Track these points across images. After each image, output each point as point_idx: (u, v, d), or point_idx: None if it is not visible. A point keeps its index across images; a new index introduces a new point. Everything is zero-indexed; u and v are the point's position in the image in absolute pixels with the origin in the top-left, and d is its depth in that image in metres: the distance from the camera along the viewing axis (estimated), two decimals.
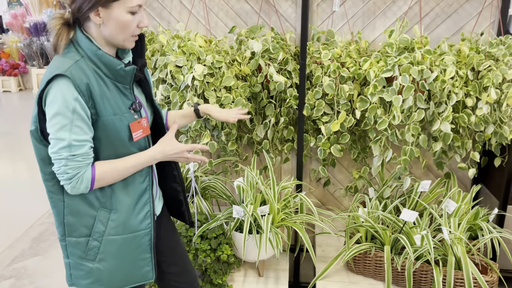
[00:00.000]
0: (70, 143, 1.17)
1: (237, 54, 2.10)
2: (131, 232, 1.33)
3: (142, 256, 1.36)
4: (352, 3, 2.23)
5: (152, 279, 1.39)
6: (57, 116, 1.16)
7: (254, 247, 1.91)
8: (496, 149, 2.11)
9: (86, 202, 1.28)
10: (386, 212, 2.01)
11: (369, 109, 1.93)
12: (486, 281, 1.74)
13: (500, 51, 1.94)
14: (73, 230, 1.30)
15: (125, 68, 1.24)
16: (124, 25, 1.22)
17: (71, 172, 1.19)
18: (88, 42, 1.21)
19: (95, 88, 1.20)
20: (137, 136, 1.30)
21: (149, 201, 1.36)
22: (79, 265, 1.32)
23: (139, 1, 1.22)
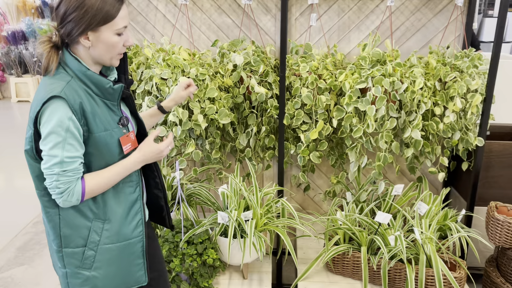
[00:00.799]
0: (62, 160, 1.23)
1: (220, 67, 2.20)
2: (124, 240, 1.40)
3: (135, 262, 1.44)
4: (328, 18, 2.36)
5: (145, 282, 1.47)
6: (51, 135, 1.23)
7: (238, 251, 2.00)
8: (463, 154, 2.26)
9: (81, 214, 1.35)
10: (362, 215, 2.13)
11: (345, 118, 2.05)
12: (455, 277, 1.87)
13: (464, 63, 2.10)
14: (70, 241, 1.36)
15: (114, 86, 1.32)
16: (112, 46, 1.30)
17: (62, 187, 1.25)
18: (77, 63, 1.28)
19: (87, 107, 1.27)
20: (126, 149, 1.37)
21: (141, 210, 1.43)
22: (76, 273, 1.38)
23: (124, 23, 1.30)
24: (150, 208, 1.62)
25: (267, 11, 2.35)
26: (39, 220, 3.31)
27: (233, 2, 2.34)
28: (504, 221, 1.96)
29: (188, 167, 2.54)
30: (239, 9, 2.35)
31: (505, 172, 2.31)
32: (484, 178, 2.34)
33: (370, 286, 2.03)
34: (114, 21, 1.27)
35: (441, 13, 2.32)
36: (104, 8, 1.24)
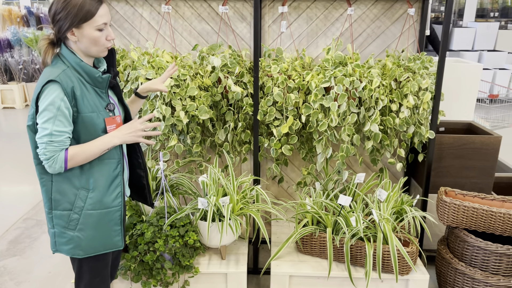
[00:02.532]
0: (51, 132, 1.51)
1: (200, 68, 2.44)
2: (105, 208, 1.67)
3: (114, 228, 1.70)
4: (298, 25, 2.62)
5: (121, 247, 1.74)
6: (45, 111, 1.51)
7: (217, 233, 2.22)
8: (419, 146, 2.53)
9: (70, 182, 1.61)
10: (328, 200, 2.37)
11: (312, 114, 2.30)
12: (407, 251, 2.12)
13: (416, 65, 2.38)
14: (59, 205, 1.62)
15: (102, 76, 1.60)
16: (95, 40, 1.56)
17: (48, 154, 1.52)
18: (72, 56, 1.56)
19: (78, 91, 1.54)
20: (110, 129, 1.64)
21: (121, 184, 1.70)
22: (62, 233, 1.64)
23: (103, 20, 1.56)
24: (133, 187, 1.90)
25: (243, 19, 2.60)
26: (28, 217, 3.47)
27: (212, 11, 2.59)
28: (451, 203, 2.22)
29: (171, 160, 2.75)
30: (217, 17, 2.60)
31: (455, 162, 2.59)
32: (437, 168, 2.61)
33: (335, 263, 2.27)
34: (94, 18, 1.53)
35: (397, 22, 2.60)
36: (84, 8, 1.51)
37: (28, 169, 4.40)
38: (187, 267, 2.18)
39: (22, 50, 7.59)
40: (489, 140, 2.55)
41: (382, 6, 2.57)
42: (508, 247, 2.12)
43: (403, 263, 2.13)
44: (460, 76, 2.93)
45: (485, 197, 2.31)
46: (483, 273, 2.19)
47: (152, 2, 2.58)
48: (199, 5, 2.58)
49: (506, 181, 2.95)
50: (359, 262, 2.22)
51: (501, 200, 2.29)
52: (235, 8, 2.58)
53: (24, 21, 8.06)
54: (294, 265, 2.26)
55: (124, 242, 1.75)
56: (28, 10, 7.93)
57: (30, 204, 3.69)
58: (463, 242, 2.24)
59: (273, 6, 2.57)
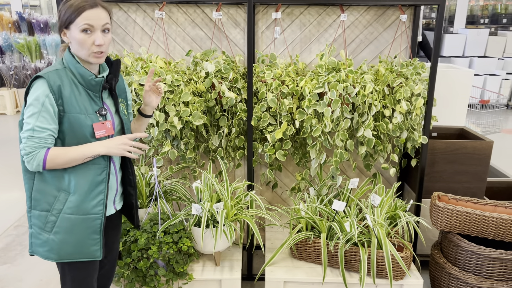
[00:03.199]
0: (33, 128, 1.51)
1: (193, 74, 2.43)
2: (84, 214, 1.61)
3: (91, 236, 1.63)
4: (291, 31, 2.63)
5: (99, 257, 1.67)
6: (30, 106, 1.51)
7: (211, 239, 2.21)
8: (412, 151, 2.54)
9: (51, 183, 1.59)
10: (321, 205, 2.37)
11: (305, 119, 2.31)
12: (401, 256, 2.12)
13: (409, 71, 2.40)
14: (38, 205, 1.60)
15: (95, 79, 1.60)
16: (81, 42, 1.54)
17: (27, 150, 1.51)
18: (71, 57, 1.58)
19: (66, 90, 1.54)
20: (99, 135, 1.61)
21: (104, 191, 1.64)
22: (38, 234, 1.61)
23: (86, 21, 1.52)
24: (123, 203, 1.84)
25: (236, 24, 2.60)
26: (19, 224, 3.43)
27: (205, 17, 2.59)
28: (444, 208, 2.23)
29: (165, 166, 2.74)
30: (211, 23, 2.60)
31: (448, 167, 2.61)
32: (430, 173, 2.63)
33: (330, 269, 2.26)
34: (77, 20, 1.52)
35: (390, 28, 2.62)
36: (71, 9, 1.53)
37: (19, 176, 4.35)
38: (181, 274, 2.16)
39: (14, 56, 7.54)
40: (481, 145, 2.57)
41: (375, 12, 2.59)
42: (501, 252, 2.14)
43: (397, 268, 2.14)
44: (452, 82, 2.96)
45: (477, 202, 2.33)
46: (476, 278, 2.19)
47: (145, 8, 2.58)
48: (193, 11, 2.58)
49: (498, 186, 2.98)
50: (353, 268, 2.22)
51: (494, 205, 2.31)
52: (229, 14, 2.58)
53: (16, 27, 8.01)
54: (289, 271, 2.26)
55: (102, 253, 1.67)
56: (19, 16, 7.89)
57: (21, 211, 3.65)
58: (457, 246, 2.24)
59: (267, 12, 2.58)
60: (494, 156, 4.63)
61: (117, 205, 1.78)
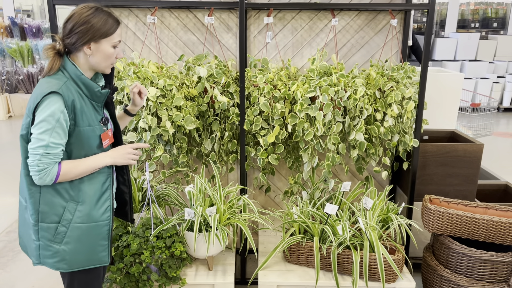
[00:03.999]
0: (48, 144, 1.50)
1: (186, 79, 2.44)
2: (93, 222, 1.64)
3: (101, 242, 1.68)
4: (283, 36, 2.65)
5: (107, 262, 1.71)
6: (43, 122, 1.50)
7: (204, 243, 2.21)
8: (403, 155, 2.56)
9: (59, 194, 1.59)
10: (314, 208, 2.38)
11: (298, 123, 2.32)
12: (393, 259, 2.13)
13: (399, 75, 2.42)
14: (46, 217, 1.60)
15: (102, 91, 1.62)
16: (108, 56, 1.61)
17: (41, 166, 1.51)
18: (74, 68, 1.57)
19: (78, 104, 1.55)
20: (106, 144, 1.66)
21: (110, 198, 1.69)
22: (47, 246, 1.61)
23: (119, 38, 1.63)
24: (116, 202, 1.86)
25: (229, 29, 2.62)
26: (11, 230, 3.40)
27: (198, 21, 2.60)
28: (435, 210, 2.25)
29: (157, 171, 2.73)
30: (203, 28, 2.61)
31: (439, 170, 2.63)
32: (422, 176, 2.65)
33: (322, 272, 2.27)
34: (112, 36, 1.59)
35: (381, 32, 2.65)
36: (106, 26, 1.56)
37: (11, 181, 4.33)
38: (174, 279, 2.16)
39: (6, 61, 7.50)
40: (471, 148, 2.60)
41: (366, 17, 2.61)
42: (492, 254, 2.15)
43: (390, 271, 2.15)
44: (443, 86, 2.99)
45: (468, 204, 2.35)
46: (468, 280, 2.21)
47: (137, 13, 2.58)
48: (185, 16, 2.59)
49: (489, 188, 3.00)
50: (346, 271, 2.23)
51: (484, 207, 2.33)
52: (221, 19, 2.59)
53: (8, 32, 7.98)
54: (282, 274, 2.26)
55: (110, 258, 1.72)
56: (12, 21, 7.86)
57: (13, 216, 3.62)
58: (448, 249, 2.26)
59: (259, 17, 2.60)
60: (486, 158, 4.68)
61: (114, 204, 1.82)
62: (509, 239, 2.14)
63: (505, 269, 2.17)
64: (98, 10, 1.57)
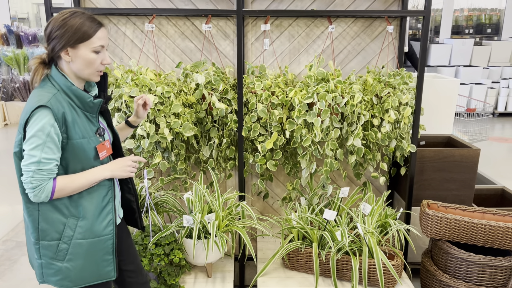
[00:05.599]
0: (39, 160, 1.43)
1: (184, 86, 2.45)
2: (95, 237, 1.57)
3: (105, 257, 1.60)
4: (280, 42, 2.67)
5: (113, 277, 1.64)
6: (33, 137, 1.43)
7: (203, 251, 2.20)
8: (401, 160, 2.57)
9: (58, 211, 1.53)
10: (313, 214, 2.38)
11: (295, 129, 2.33)
12: (392, 265, 2.14)
13: (396, 80, 2.44)
14: (46, 235, 1.53)
15: (94, 101, 1.54)
16: (89, 62, 1.52)
17: (35, 183, 1.43)
18: (63, 79, 1.50)
19: (69, 116, 1.48)
20: (102, 156, 1.58)
21: (112, 211, 1.62)
22: (50, 264, 1.55)
23: (101, 43, 1.53)
24: (124, 211, 1.82)
25: (226, 36, 2.63)
26: (8, 239, 3.38)
27: (195, 29, 2.62)
28: (433, 215, 2.26)
29: (156, 178, 2.73)
30: (201, 35, 2.62)
31: (437, 175, 2.64)
32: (419, 181, 2.66)
33: (322, 278, 2.27)
34: (91, 40, 1.50)
35: (377, 39, 2.67)
36: (82, 29, 1.48)
37: (7, 190, 4.30)
38: (173, 286, 2.15)
39: (1, 69, 7.49)
40: (468, 153, 2.62)
41: (362, 23, 2.64)
42: (490, 258, 2.16)
43: (389, 276, 2.15)
44: (438, 91, 3.01)
45: (466, 209, 2.36)
46: (466, 285, 2.21)
47: (135, 21, 2.60)
48: (182, 23, 2.61)
49: (486, 193, 3.02)
50: (345, 277, 2.23)
51: (482, 212, 2.34)
52: (218, 26, 2.61)
53: (4, 40, 7.97)
54: (281, 281, 2.25)
55: (116, 272, 1.64)
56: (8, 29, 7.85)
57: (10, 225, 3.60)
58: (446, 254, 2.27)
59: (256, 24, 2.61)
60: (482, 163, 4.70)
61: (120, 214, 1.77)
62: (507, 244, 2.15)
63: (504, 274, 2.18)
64: (75, 14, 1.48)
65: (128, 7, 2.57)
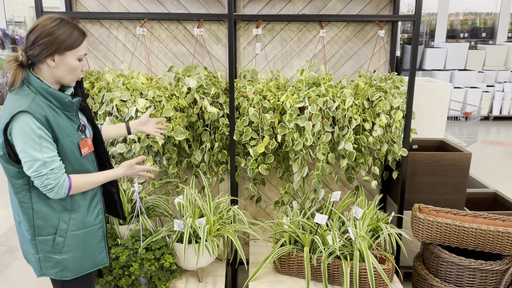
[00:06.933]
0: (44, 161, 1.48)
1: (175, 90, 2.45)
2: (88, 227, 1.67)
3: (99, 245, 1.72)
4: (272, 47, 2.67)
5: (107, 263, 1.76)
6: (27, 143, 1.46)
7: (193, 255, 2.19)
8: (393, 164, 2.58)
9: (51, 207, 1.60)
10: (304, 218, 2.38)
11: (287, 133, 2.33)
12: (383, 269, 2.14)
13: (387, 85, 2.44)
14: (42, 230, 1.60)
15: (72, 100, 1.59)
16: (73, 69, 1.57)
17: (53, 183, 1.51)
18: (39, 82, 1.52)
19: (52, 118, 1.52)
20: (84, 152, 1.64)
21: (100, 201, 1.73)
22: (48, 258, 1.62)
23: (85, 51, 1.60)
24: (105, 202, 1.88)
25: (218, 40, 2.63)
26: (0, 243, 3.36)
27: (187, 33, 2.62)
28: (424, 219, 2.26)
29: (147, 182, 2.72)
30: (193, 39, 2.63)
31: (429, 178, 2.65)
32: (411, 185, 2.66)
33: (313, 282, 2.26)
34: (78, 48, 1.55)
35: (369, 43, 2.68)
36: (71, 38, 1.53)
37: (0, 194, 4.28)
38: None
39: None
40: (460, 157, 2.62)
41: (354, 28, 2.64)
42: (481, 262, 2.16)
43: (380, 281, 2.15)
44: (431, 95, 3.02)
45: (457, 213, 2.36)
46: None
47: (127, 25, 2.60)
48: (175, 27, 2.61)
49: (478, 197, 3.02)
50: (336, 281, 2.22)
51: (473, 216, 2.34)
52: (210, 30, 2.61)
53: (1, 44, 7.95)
54: (272, 285, 2.25)
55: (109, 259, 1.77)
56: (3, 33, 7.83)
57: (2, 229, 3.58)
58: (438, 258, 2.27)
59: (248, 28, 2.62)
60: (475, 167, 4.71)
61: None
62: (497, 248, 2.15)
63: (494, 278, 2.18)
64: (63, 22, 1.52)
65: (120, 11, 2.57)
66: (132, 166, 1.76)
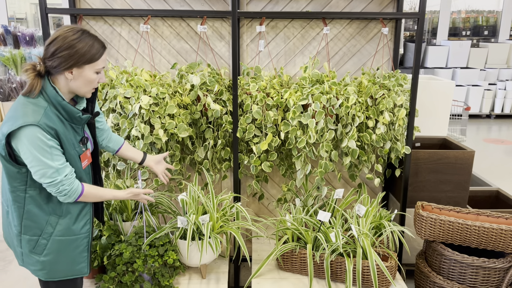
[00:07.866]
0: (57, 168, 1.52)
1: (179, 87, 2.45)
2: (73, 235, 1.68)
3: (80, 254, 1.71)
4: (275, 44, 2.67)
5: (87, 273, 1.75)
6: (39, 153, 1.48)
7: (197, 252, 2.20)
8: (396, 162, 2.58)
9: (41, 209, 1.62)
10: (307, 216, 2.38)
11: (290, 131, 2.33)
12: (386, 266, 2.14)
13: (391, 82, 2.44)
14: (28, 230, 1.63)
15: (82, 116, 1.60)
16: (90, 82, 1.57)
17: (68, 188, 1.56)
18: (54, 93, 1.52)
19: (60, 131, 1.54)
20: (84, 165, 1.68)
21: (90, 211, 1.74)
22: (28, 255, 1.65)
23: (104, 64, 1.59)
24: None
25: (221, 38, 2.63)
26: (2, 240, 3.37)
27: (191, 30, 2.62)
28: (427, 217, 2.26)
29: (150, 179, 2.73)
30: (196, 36, 2.62)
31: (431, 176, 2.65)
32: (414, 183, 2.66)
33: (316, 279, 2.27)
34: (97, 62, 1.55)
35: (372, 40, 2.67)
36: (91, 52, 1.52)
37: None
38: (167, 287, 2.14)
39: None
40: (462, 155, 2.62)
41: (357, 25, 2.64)
42: (484, 260, 2.17)
43: (383, 278, 2.15)
44: (434, 93, 3.01)
45: (460, 211, 2.36)
46: (460, 286, 2.22)
47: (130, 22, 2.60)
48: (178, 24, 2.61)
49: (481, 195, 3.03)
50: (339, 278, 2.23)
51: (476, 214, 2.34)
52: (214, 27, 2.61)
53: (1, 40, 7.95)
54: (275, 282, 2.25)
55: (89, 269, 1.76)
56: (5, 29, 7.84)
57: None
58: (440, 255, 2.27)
59: (251, 25, 2.61)
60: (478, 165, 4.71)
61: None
62: (500, 246, 2.16)
63: (497, 276, 2.18)
64: (84, 34, 1.51)
65: (124, 8, 2.57)
66: (139, 195, 1.84)
